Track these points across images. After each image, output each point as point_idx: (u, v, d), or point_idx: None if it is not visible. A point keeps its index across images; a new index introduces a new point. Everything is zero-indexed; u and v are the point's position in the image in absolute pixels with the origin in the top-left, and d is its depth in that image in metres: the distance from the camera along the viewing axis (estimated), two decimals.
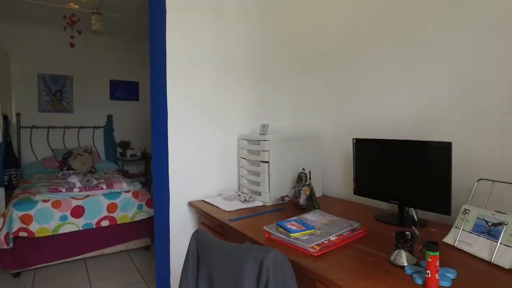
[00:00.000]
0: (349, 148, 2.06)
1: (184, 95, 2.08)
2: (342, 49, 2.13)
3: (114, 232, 3.26)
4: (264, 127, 2.04)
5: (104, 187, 3.27)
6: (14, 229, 2.81)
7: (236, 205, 1.87)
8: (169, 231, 2.02)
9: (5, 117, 4.24)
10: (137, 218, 3.32)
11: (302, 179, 1.83)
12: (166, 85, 2.01)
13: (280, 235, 1.28)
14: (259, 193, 1.97)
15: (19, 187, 3.69)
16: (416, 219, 1.23)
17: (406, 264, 1.01)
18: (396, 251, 1.05)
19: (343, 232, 1.28)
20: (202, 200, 2.04)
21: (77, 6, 3.24)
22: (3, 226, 2.79)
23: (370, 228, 1.41)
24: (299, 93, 2.51)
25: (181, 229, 2.06)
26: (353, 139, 1.80)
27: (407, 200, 1.53)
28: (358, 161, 1.77)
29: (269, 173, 1.90)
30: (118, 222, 3.23)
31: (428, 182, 1.41)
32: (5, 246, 2.76)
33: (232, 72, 2.26)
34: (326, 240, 1.21)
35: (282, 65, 2.49)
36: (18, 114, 4.73)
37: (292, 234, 1.24)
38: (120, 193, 3.30)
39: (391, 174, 1.58)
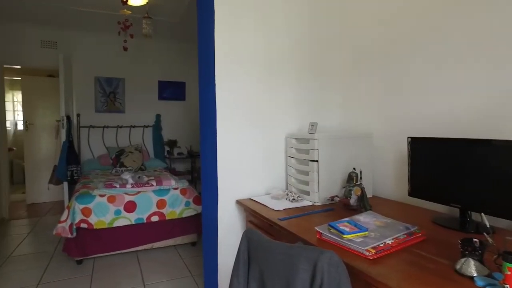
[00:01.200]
0: (402, 147, 1.95)
1: (232, 94, 2.10)
2: (396, 43, 2.03)
3: (163, 227, 3.40)
4: (313, 125, 2.00)
5: (154, 184, 3.41)
6: (77, 220, 3.03)
7: (285, 204, 1.86)
8: (217, 229, 2.05)
9: (68, 118, 4.59)
10: (184, 215, 3.43)
11: (352, 179, 1.77)
12: (214, 85, 2.05)
13: (332, 236, 1.25)
14: (307, 193, 1.94)
15: (79, 182, 3.97)
16: (488, 226, 1.13)
17: (475, 275, 0.93)
18: (463, 259, 0.98)
19: (400, 236, 1.22)
20: (250, 199, 2.05)
21: (130, 12, 3.41)
22: (67, 217, 3.02)
23: (429, 232, 1.33)
24: (348, 90, 2.43)
25: (229, 227, 2.09)
26: (408, 137, 1.71)
27: (470, 204, 1.41)
28: (414, 161, 1.67)
29: (318, 172, 1.86)
30: (166, 218, 3.36)
31: (498, 185, 1.29)
32: (69, 235, 3.00)
33: (280, 70, 2.25)
34: (381, 243, 1.15)
35: (330, 62, 2.43)
36: (78, 115, 5.10)
37: (345, 236, 1.20)
38: (168, 190, 3.43)
39: (452, 175, 1.47)
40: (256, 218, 1.85)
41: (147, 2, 3.43)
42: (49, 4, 3.87)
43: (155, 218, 3.32)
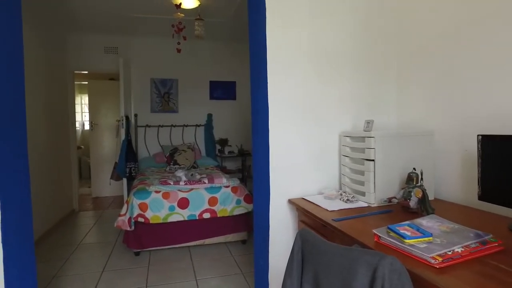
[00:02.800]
0: (469, 145, 1.78)
1: (284, 92, 2.07)
2: (460, 33, 1.85)
3: (214, 224, 3.48)
4: (369, 123, 1.90)
5: (206, 181, 3.50)
6: (135, 214, 3.21)
7: (339, 204, 1.79)
8: (269, 228, 2.04)
9: (127, 118, 4.89)
10: (235, 213, 3.48)
11: (412, 179, 1.66)
12: (266, 83, 2.03)
13: (392, 240, 1.17)
14: (363, 193, 1.85)
15: (137, 178, 4.21)
16: None
17: None
18: None
19: (471, 244, 1.10)
20: (302, 198, 2.01)
21: (183, 15, 3.53)
22: (126, 211, 3.21)
23: (507, 241, 1.19)
24: (405, 85, 2.28)
25: (280, 226, 2.07)
26: (478, 135, 1.55)
27: None
28: (485, 161, 1.51)
29: (374, 172, 1.77)
30: (218, 215, 3.43)
31: None
32: (128, 228, 3.19)
33: (333, 66, 2.17)
34: (449, 251, 1.05)
35: (387, 56, 2.30)
36: (135, 115, 5.41)
37: (407, 241, 1.12)
38: (220, 188, 3.49)
39: None
40: (308, 218, 1.80)
41: (199, 5, 3.53)
42: (110, 13, 4.14)
43: (206, 215, 3.40)
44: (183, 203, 3.36)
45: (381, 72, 2.29)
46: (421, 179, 1.65)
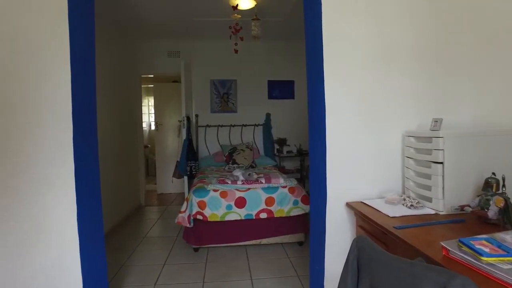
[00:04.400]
0: None
1: (342, 90, 1.98)
2: None
3: (271, 225, 3.45)
4: (437, 121, 1.72)
5: (263, 181, 3.49)
6: (194, 212, 3.32)
7: (401, 210, 1.64)
8: (325, 231, 1.96)
9: (188, 118, 5.10)
10: (292, 214, 3.42)
11: (491, 186, 1.45)
12: (323, 81, 1.95)
13: (465, 256, 1.03)
14: (429, 199, 1.68)
15: (197, 177, 4.37)
16: None
17: None
18: None
19: None
20: (361, 202, 1.89)
21: (240, 16, 3.57)
22: (186, 208, 3.34)
23: None
24: (484, 77, 2.01)
25: (337, 231, 1.97)
26: None
27: None
28: None
29: (443, 176, 1.59)
30: (274, 216, 3.40)
31: None
32: (188, 225, 3.31)
33: (395, 60, 2.01)
34: None
35: (459, 45, 2.04)
36: (196, 115, 5.63)
37: (484, 258, 0.97)
38: (277, 188, 3.46)
39: None
40: (367, 224, 1.69)
41: (255, 5, 3.53)
42: (172, 19, 4.36)
43: (263, 215, 3.40)
44: (240, 203, 3.39)
45: (452, 63, 2.05)
46: (503, 185, 1.44)
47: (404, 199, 1.76)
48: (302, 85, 5.66)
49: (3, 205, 1.87)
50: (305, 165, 5.46)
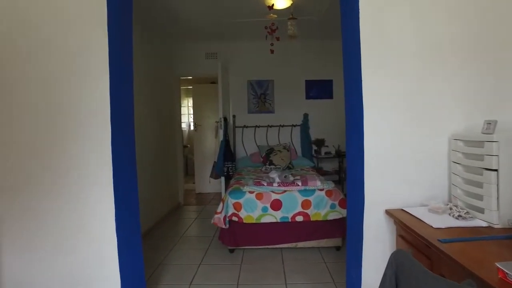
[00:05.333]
0: None
1: (381, 90, 1.87)
2: None
3: (307, 228, 3.37)
4: (490, 124, 1.55)
5: (300, 184, 3.42)
6: (229, 213, 3.33)
7: (447, 221, 1.51)
8: (363, 239, 1.86)
9: (225, 119, 5.14)
10: (329, 217, 3.31)
11: None
12: (361, 81, 1.85)
13: None
14: (481, 210, 1.52)
15: (233, 178, 4.38)
16: None
17: None
18: None
19: None
20: (402, 210, 1.76)
21: (275, 16, 3.52)
22: (222, 209, 3.36)
23: None
24: None
25: (376, 239, 1.86)
26: None
27: None
28: None
29: (498, 184, 1.43)
30: (311, 219, 3.32)
31: None
32: (223, 226, 3.33)
33: (441, 57, 1.86)
34: None
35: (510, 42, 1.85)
36: (234, 116, 5.66)
37: None
38: (314, 190, 3.38)
39: None
40: (408, 234, 1.57)
41: (291, 4, 3.46)
42: (210, 21, 4.41)
43: (299, 218, 3.32)
44: (276, 205, 3.34)
45: (505, 60, 1.85)
46: None
47: (451, 208, 1.62)
48: (341, 84, 5.46)
49: (49, 203, 1.98)
50: (344, 166, 5.29)
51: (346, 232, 2.12)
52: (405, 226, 1.54)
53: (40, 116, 1.96)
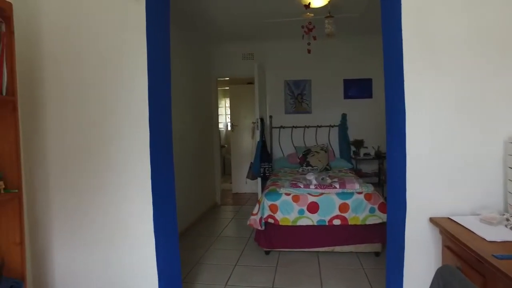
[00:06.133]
0: None
1: (426, 89, 1.75)
2: None
3: (345, 232, 3.27)
4: None
5: (337, 186, 3.32)
6: (265, 215, 3.31)
7: (503, 233, 1.37)
8: (404, 248, 1.75)
9: (262, 120, 5.13)
10: (368, 222, 3.19)
11: None
12: (403, 79, 1.75)
13: None
14: None
15: (270, 179, 4.36)
16: None
17: None
18: None
19: None
20: (449, 218, 1.63)
21: (312, 14, 3.44)
22: (258, 211, 3.34)
23: None
24: None
25: (419, 249, 1.74)
26: None
27: None
28: None
29: None
30: (349, 223, 3.21)
31: None
32: (259, 228, 3.31)
33: (494, 51, 1.70)
34: None
35: None
36: (270, 117, 5.63)
37: None
38: (352, 193, 3.26)
39: None
40: (456, 246, 1.44)
41: (328, 2, 3.36)
42: (246, 22, 4.42)
43: (337, 222, 3.23)
44: (313, 208, 3.27)
45: None
46: None
47: (507, 219, 1.47)
48: (381, 83, 5.24)
49: (89, 202, 2.08)
50: (384, 168, 5.07)
51: (386, 238, 2.02)
52: (452, 237, 1.42)
53: (86, 119, 2.07)
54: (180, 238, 3.01)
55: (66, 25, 2.05)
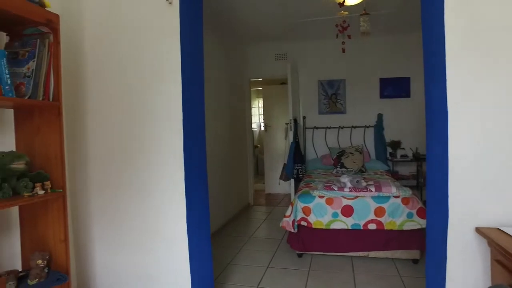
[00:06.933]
0: None
1: (471, 87, 1.64)
2: None
3: (381, 237, 3.15)
4: None
5: (373, 189, 3.21)
6: (298, 217, 3.27)
7: None
8: (446, 259, 1.65)
9: (295, 121, 5.08)
10: (405, 227, 3.05)
11: None
12: (445, 77, 1.64)
13: None
14: None
15: (303, 180, 4.31)
16: None
17: None
18: None
19: None
20: (498, 229, 1.52)
21: (347, 13, 3.35)
22: (291, 213, 3.31)
23: None
24: None
25: (463, 261, 1.64)
26: None
27: None
28: None
29: None
30: (385, 228, 3.10)
31: None
32: (292, 230, 3.28)
33: None
34: None
35: None
36: (304, 117, 5.57)
37: None
38: (388, 197, 3.14)
39: None
40: (508, 261, 1.34)
41: None
42: (278, 22, 4.40)
43: (372, 226, 3.13)
44: (347, 211, 3.19)
45: None
46: None
47: None
48: (419, 81, 5.00)
49: (126, 203, 2.17)
50: (423, 171, 4.85)
51: (425, 245, 1.92)
52: (503, 250, 1.32)
53: (123, 123, 2.16)
54: (213, 237, 3.06)
55: (106, 34, 2.16)
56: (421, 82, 1.96)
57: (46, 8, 1.63)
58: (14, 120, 1.77)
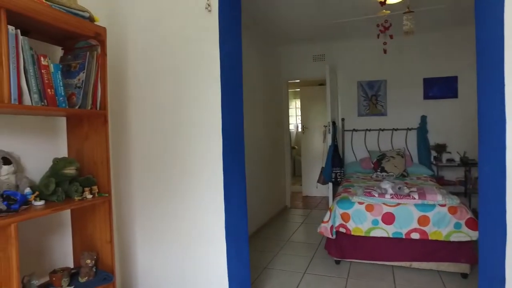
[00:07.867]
0: None
1: None
2: None
3: (425, 248, 3.00)
4: None
5: (416, 197, 3.06)
6: (337, 224, 3.19)
7: None
8: (505, 280, 1.52)
9: (333, 123, 4.98)
10: (452, 238, 2.87)
11: None
12: (503, 79, 1.51)
13: None
14: None
15: (342, 185, 4.21)
16: None
17: None
18: None
19: None
20: None
21: (388, 12, 3.21)
22: (329, 219, 3.24)
23: None
24: None
25: None
26: None
27: None
28: None
29: None
30: (429, 238, 2.93)
31: None
32: (330, 236, 3.21)
33: None
34: None
35: None
36: (342, 119, 5.44)
37: None
38: (433, 206, 2.98)
39: None
40: None
41: None
42: (315, 23, 4.33)
43: (415, 235, 2.98)
44: (388, 218, 3.06)
45: None
46: None
47: None
48: (468, 81, 4.70)
49: (166, 207, 2.24)
50: (472, 177, 4.54)
51: (476, 257, 1.79)
52: None
53: (164, 130, 2.23)
54: (250, 240, 3.07)
55: (148, 44, 2.24)
56: (470, 82, 1.82)
57: (94, 22, 1.72)
58: (66, 128, 1.89)
